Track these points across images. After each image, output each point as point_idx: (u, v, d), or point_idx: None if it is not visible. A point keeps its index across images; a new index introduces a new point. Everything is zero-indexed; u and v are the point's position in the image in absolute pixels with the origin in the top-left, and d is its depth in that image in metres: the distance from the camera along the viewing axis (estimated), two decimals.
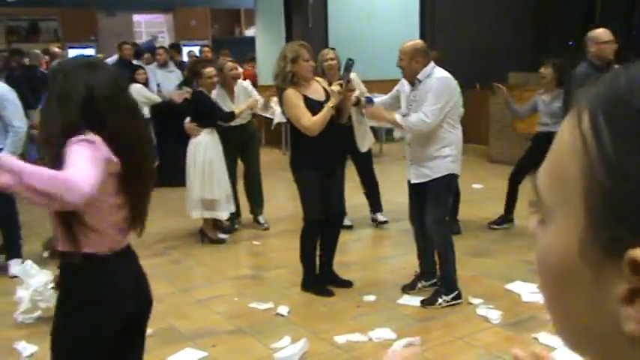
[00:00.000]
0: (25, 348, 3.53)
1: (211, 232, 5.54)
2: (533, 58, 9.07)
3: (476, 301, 3.96)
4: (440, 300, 3.91)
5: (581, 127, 0.44)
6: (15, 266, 4.79)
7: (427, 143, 3.85)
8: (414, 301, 4.02)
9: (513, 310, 3.84)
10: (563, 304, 0.47)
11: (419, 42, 4.02)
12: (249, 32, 13.28)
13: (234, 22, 14.36)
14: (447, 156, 3.84)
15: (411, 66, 3.81)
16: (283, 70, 3.90)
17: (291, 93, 3.91)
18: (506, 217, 5.55)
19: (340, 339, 3.52)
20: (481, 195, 6.19)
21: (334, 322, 3.73)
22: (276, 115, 9.91)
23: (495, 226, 5.51)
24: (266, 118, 10.06)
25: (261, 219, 5.86)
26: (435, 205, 3.90)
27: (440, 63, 4.02)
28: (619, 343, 0.42)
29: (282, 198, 7.47)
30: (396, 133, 4.30)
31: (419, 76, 3.82)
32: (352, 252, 5.24)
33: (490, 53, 8.40)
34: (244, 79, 6.15)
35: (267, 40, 10.89)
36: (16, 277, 4.72)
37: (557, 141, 0.47)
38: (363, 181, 5.74)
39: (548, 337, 3.41)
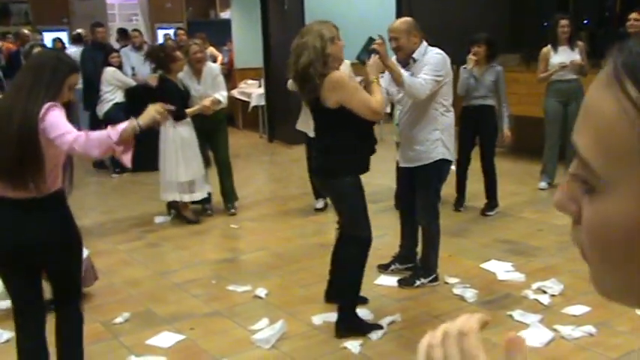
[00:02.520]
0: (1, 334, 3.49)
1: (187, 212, 5.54)
2: (508, 38, 9.13)
3: (452, 280, 4.01)
4: (417, 282, 3.94)
5: (628, 95, 0.45)
6: None
7: (418, 124, 3.73)
8: (391, 281, 4.06)
9: (489, 288, 3.89)
10: (628, 267, 0.48)
11: (409, 18, 3.87)
12: (224, 15, 13.12)
13: (209, 4, 14.18)
14: (437, 139, 3.73)
15: (409, 42, 3.66)
16: (323, 53, 3.12)
17: (345, 76, 3.26)
18: (461, 200, 5.63)
19: (317, 319, 3.54)
20: (455, 175, 6.23)
21: (311, 303, 3.75)
22: (253, 98, 9.88)
23: (490, 213, 5.50)
24: (243, 101, 10.00)
25: (229, 205, 5.77)
26: (424, 191, 3.84)
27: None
28: None
29: (260, 181, 7.46)
30: (395, 119, 3.96)
31: (415, 55, 3.67)
32: (330, 233, 5.25)
33: (465, 34, 8.41)
34: (226, 63, 6.05)
35: (243, 23, 10.78)
36: None
37: (595, 113, 0.48)
38: None
39: (522, 315, 3.47)
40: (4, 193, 2.47)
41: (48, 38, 10.84)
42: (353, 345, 3.23)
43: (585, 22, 8.50)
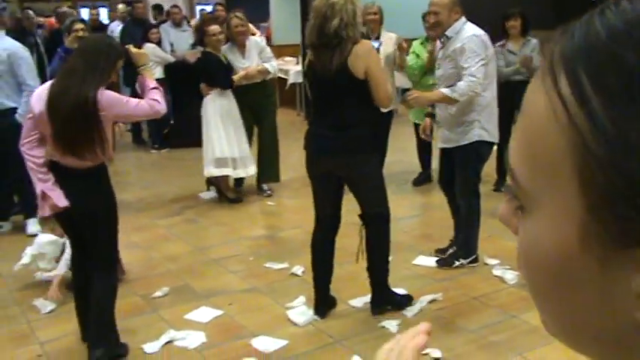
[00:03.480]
0: (45, 305, 3.58)
1: (229, 191, 5.55)
2: (553, 16, 8.86)
3: (492, 261, 3.95)
4: (457, 263, 3.89)
5: (559, 92, 0.36)
6: (32, 225, 4.86)
7: (453, 105, 3.60)
8: (429, 261, 4.02)
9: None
10: (562, 302, 0.40)
11: None
12: None
13: None
14: (473, 121, 3.61)
15: (449, 19, 3.53)
16: (354, 16, 2.94)
17: (373, 48, 3.11)
18: (501, 180, 5.54)
19: (355, 300, 3.53)
20: (493, 155, 6.12)
21: (349, 282, 3.73)
22: (291, 75, 9.83)
23: (502, 189, 5.47)
24: (280, 78, 9.97)
25: (264, 186, 5.69)
26: (462, 172, 3.74)
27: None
28: (634, 337, 0.36)
29: (296, 159, 7.41)
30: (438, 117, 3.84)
31: (448, 32, 3.56)
32: None
33: (505, 8, 8.22)
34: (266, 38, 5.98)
35: None
36: (34, 235, 4.79)
37: (528, 111, 0.39)
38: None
39: None
40: (64, 161, 2.82)
41: (85, 14, 10.96)
42: (390, 324, 3.22)
43: None
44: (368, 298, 3.48)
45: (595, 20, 0.36)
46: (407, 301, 3.40)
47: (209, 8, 11.68)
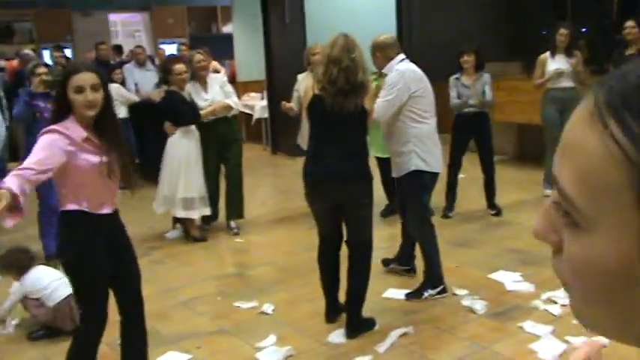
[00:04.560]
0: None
1: (194, 230, 5.50)
2: (507, 48, 9.11)
3: (460, 292, 3.96)
4: (425, 294, 3.91)
5: (612, 136, 0.43)
6: None
7: (390, 138, 3.88)
8: (399, 294, 4.01)
9: (498, 299, 3.84)
10: (615, 304, 0.47)
11: (381, 36, 3.97)
12: (226, 29, 13.16)
13: (211, 19, 14.23)
14: (410, 152, 3.77)
15: (375, 61, 3.94)
16: (368, 70, 3.44)
17: None
18: (450, 206, 5.70)
19: (326, 335, 3.49)
20: (462, 185, 6.20)
21: (319, 318, 3.70)
22: (256, 110, 9.87)
23: (450, 215, 5.63)
24: (246, 114, 10.00)
25: (232, 223, 5.67)
26: (410, 202, 3.93)
27: (412, 56, 4.04)
28: None
29: (264, 194, 7.44)
30: None
31: (384, 70, 3.89)
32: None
33: (464, 43, 8.43)
34: (230, 75, 6.08)
35: (245, 37, 10.80)
36: None
37: (580, 149, 0.46)
38: None
39: (533, 326, 3.41)
40: None
41: (47, 56, 10.88)
42: None
43: (583, 30, 8.48)
44: (338, 331, 3.49)
45: (633, 69, 0.44)
46: (373, 324, 3.56)
47: (172, 47, 11.74)
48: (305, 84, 4.71)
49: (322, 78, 3.31)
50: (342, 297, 3.63)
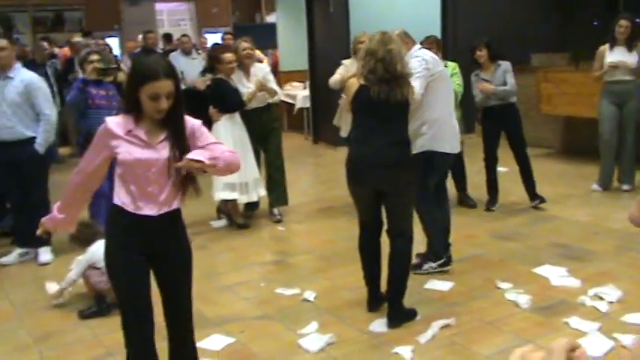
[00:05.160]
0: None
1: (237, 216, 5.58)
2: (556, 38, 8.90)
3: (504, 285, 3.92)
4: (426, 266, 4.16)
5: None
6: (45, 254, 4.88)
7: (411, 121, 3.91)
8: (441, 285, 3.99)
9: (543, 294, 3.79)
10: None
11: (395, 31, 3.98)
12: (270, 18, 13.22)
13: (255, 8, 14.31)
14: (423, 133, 3.97)
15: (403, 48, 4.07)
16: (406, 62, 3.55)
17: None
18: (493, 199, 5.66)
19: (368, 324, 3.51)
20: (506, 178, 6.12)
21: (361, 307, 3.71)
22: (298, 100, 9.91)
23: (492, 208, 5.60)
24: (288, 103, 10.05)
25: (275, 210, 5.75)
26: (418, 178, 4.01)
27: (457, 47, 4.04)
28: None
29: (306, 183, 7.47)
30: None
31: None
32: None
33: (513, 35, 8.26)
34: (272, 65, 6.15)
35: (288, 26, 10.83)
36: (46, 264, 4.82)
37: None
38: None
39: (579, 322, 3.36)
40: None
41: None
42: (404, 350, 3.19)
43: (638, 20, 8.23)
44: (380, 321, 3.50)
45: None
46: (414, 314, 3.58)
47: (217, 36, 11.85)
48: (352, 68, 4.78)
49: (362, 70, 3.47)
50: (384, 286, 3.64)
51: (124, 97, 2.49)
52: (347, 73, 5.21)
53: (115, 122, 2.37)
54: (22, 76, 4.70)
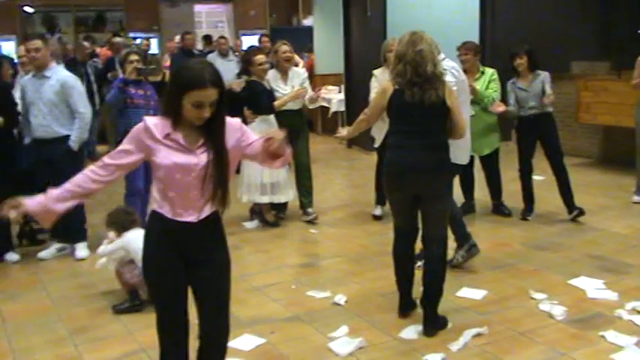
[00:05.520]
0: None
1: (269, 215, 5.63)
2: (597, 46, 8.73)
3: (538, 295, 3.86)
4: (457, 256, 4.34)
5: None
6: (81, 250, 4.98)
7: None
8: (474, 294, 3.95)
9: (578, 306, 3.71)
10: None
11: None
12: (307, 22, 13.27)
13: (292, 11, 14.39)
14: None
15: None
16: (437, 57, 3.43)
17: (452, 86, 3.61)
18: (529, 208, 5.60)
19: (399, 330, 3.49)
20: (542, 187, 6.03)
21: (392, 312, 3.69)
22: (333, 104, 9.92)
23: (528, 217, 5.54)
24: (322, 107, 10.06)
25: (309, 210, 5.79)
26: None
27: (494, 52, 4.01)
28: None
29: (339, 187, 7.47)
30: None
31: None
32: None
33: (553, 42, 8.14)
34: (307, 68, 6.18)
35: (325, 29, 10.86)
36: (83, 259, 4.92)
37: None
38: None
39: (616, 336, 3.28)
40: None
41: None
42: (435, 358, 3.16)
43: None
44: (411, 327, 3.48)
45: None
46: (446, 322, 3.54)
47: (254, 38, 11.95)
48: (383, 78, 4.72)
49: (392, 73, 3.44)
50: (417, 293, 3.61)
51: (164, 100, 2.36)
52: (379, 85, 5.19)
53: (153, 123, 2.30)
54: (58, 75, 4.81)
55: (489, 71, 5.48)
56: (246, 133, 2.44)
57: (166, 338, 2.46)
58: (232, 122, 2.39)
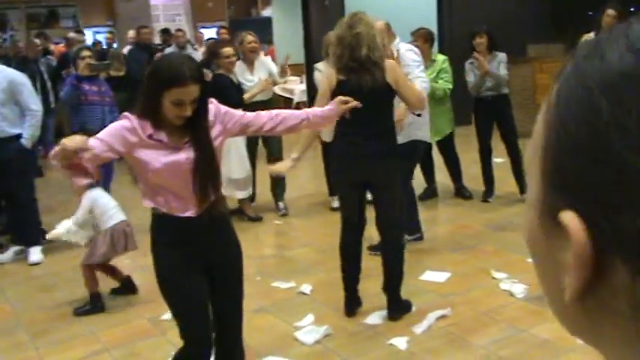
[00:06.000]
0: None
1: (249, 210, 5.58)
2: (551, 29, 8.89)
3: (499, 275, 3.92)
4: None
5: (549, 99, 0.42)
6: (34, 254, 4.85)
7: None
8: (437, 276, 4.00)
9: (538, 283, 3.78)
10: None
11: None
12: (265, 12, 13.19)
13: (250, 2, 14.28)
14: (410, 123, 4.07)
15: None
16: (375, 41, 3.26)
17: (396, 64, 3.49)
18: (489, 190, 5.69)
19: (363, 316, 3.51)
20: (502, 168, 6.12)
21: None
22: (296, 94, 9.90)
23: (489, 199, 5.62)
24: (285, 97, 10.03)
25: (280, 204, 5.77)
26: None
27: (453, 39, 4.10)
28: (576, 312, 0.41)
29: (304, 178, 7.46)
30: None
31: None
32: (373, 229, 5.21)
33: (508, 26, 8.25)
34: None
35: (284, 20, 10.82)
36: (36, 264, 4.80)
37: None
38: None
39: None
40: None
41: (91, 38, 11.16)
42: (400, 341, 3.20)
43: (632, 9, 8.19)
44: (378, 314, 3.50)
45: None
46: (410, 306, 3.56)
47: (212, 30, 11.82)
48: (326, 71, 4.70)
49: (332, 57, 3.33)
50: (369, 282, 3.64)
51: (142, 100, 2.20)
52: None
53: (136, 121, 2.18)
54: (4, 73, 4.66)
55: (440, 59, 5.39)
56: (228, 113, 2.41)
57: (192, 354, 2.40)
58: (213, 109, 2.33)
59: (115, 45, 10.19)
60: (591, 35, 5.84)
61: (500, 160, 6.19)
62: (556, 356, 2.96)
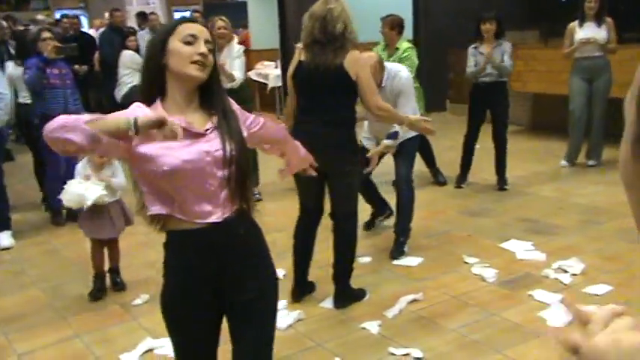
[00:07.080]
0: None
1: None
2: (526, 16, 8.94)
3: (471, 260, 3.97)
4: (377, 221, 4.76)
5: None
6: (6, 239, 4.78)
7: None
8: (411, 261, 4.03)
9: (509, 268, 3.84)
10: (632, 206, 0.60)
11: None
12: None
13: None
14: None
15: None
16: (351, 22, 3.15)
17: (362, 57, 3.22)
18: (463, 176, 5.71)
19: (326, 302, 3.52)
20: (477, 155, 6.17)
21: (330, 284, 3.72)
22: (270, 79, 9.84)
23: (462, 185, 5.66)
24: (259, 82, 9.96)
25: (254, 190, 5.76)
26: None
27: (431, 24, 4.05)
28: None
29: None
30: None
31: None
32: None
33: (483, 12, 8.29)
34: (241, 44, 6.00)
35: (259, 4, 10.71)
36: (7, 248, 4.73)
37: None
38: None
39: (543, 294, 3.42)
40: None
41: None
42: (371, 325, 3.22)
43: None
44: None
45: None
46: (363, 294, 3.55)
47: (186, 14, 11.66)
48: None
49: (303, 33, 3.21)
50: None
51: (143, 79, 1.81)
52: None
53: (147, 109, 1.73)
54: None
55: (403, 47, 5.23)
56: (246, 113, 2.00)
57: None
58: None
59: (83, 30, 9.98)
60: (575, 23, 5.88)
61: (477, 146, 6.24)
62: (525, 340, 3.00)
